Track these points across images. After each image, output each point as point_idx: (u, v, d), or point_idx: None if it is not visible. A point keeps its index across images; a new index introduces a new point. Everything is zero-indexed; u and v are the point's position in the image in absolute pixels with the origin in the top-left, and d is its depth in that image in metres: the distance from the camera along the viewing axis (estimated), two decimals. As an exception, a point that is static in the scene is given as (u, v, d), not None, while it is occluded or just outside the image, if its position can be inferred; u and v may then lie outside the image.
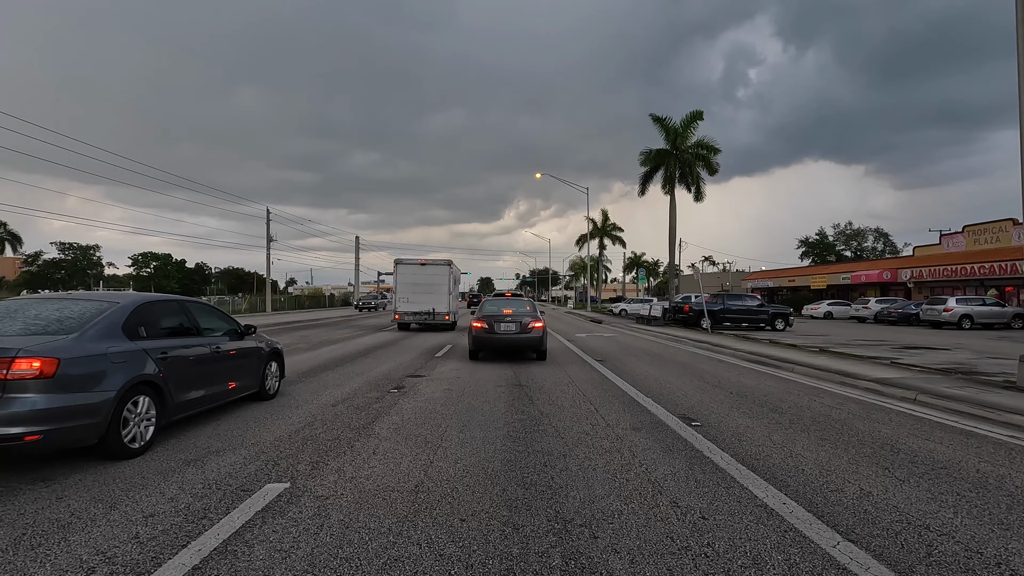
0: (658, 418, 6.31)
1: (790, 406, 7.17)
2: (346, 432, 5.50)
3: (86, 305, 5.07)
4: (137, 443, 4.66)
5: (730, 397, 7.78)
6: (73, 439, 4.20)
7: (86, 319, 4.78)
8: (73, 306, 5.08)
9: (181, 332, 5.78)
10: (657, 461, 4.63)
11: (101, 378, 4.43)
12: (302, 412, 6.42)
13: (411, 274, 21.29)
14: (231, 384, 6.42)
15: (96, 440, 4.34)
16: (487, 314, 11.96)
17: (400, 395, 7.63)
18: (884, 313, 31.11)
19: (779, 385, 8.97)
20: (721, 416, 6.49)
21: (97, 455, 4.51)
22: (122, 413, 4.54)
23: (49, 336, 4.44)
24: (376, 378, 9.20)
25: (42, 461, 4.45)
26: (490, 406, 6.89)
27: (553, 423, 5.99)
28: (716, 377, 9.79)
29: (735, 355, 13.58)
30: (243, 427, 5.67)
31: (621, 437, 5.41)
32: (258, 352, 7.19)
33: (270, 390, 7.35)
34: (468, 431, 5.61)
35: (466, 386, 8.43)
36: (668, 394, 7.95)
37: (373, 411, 6.53)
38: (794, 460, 4.72)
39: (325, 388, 8.14)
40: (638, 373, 10.16)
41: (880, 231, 64.84)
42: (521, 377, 9.44)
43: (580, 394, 7.86)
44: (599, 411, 6.67)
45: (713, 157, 30.42)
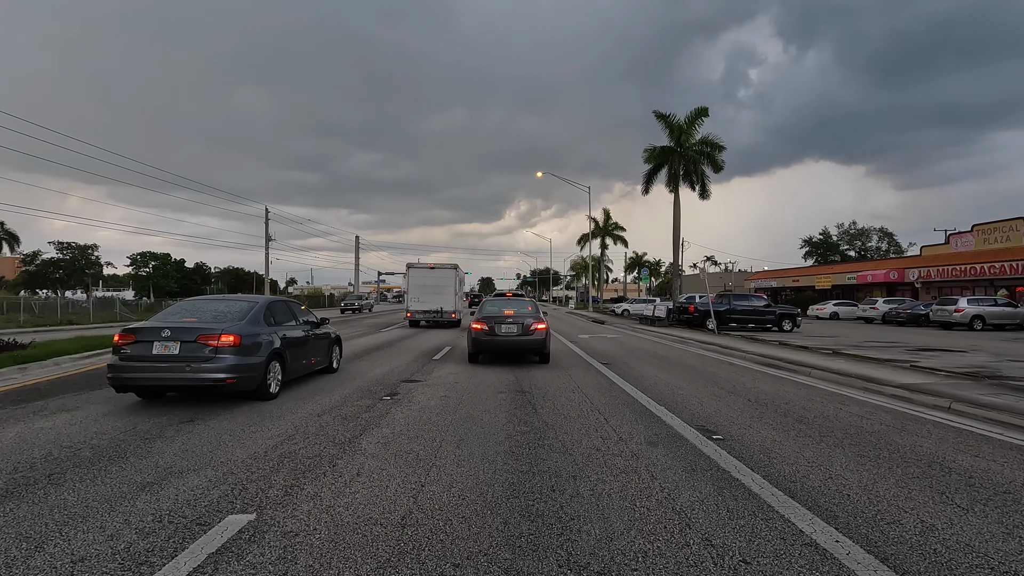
0: (675, 430, 5.74)
1: (816, 416, 6.60)
2: (329, 447, 4.93)
3: (241, 304, 7.68)
4: (273, 391, 7.25)
5: (749, 405, 7.21)
6: (245, 385, 6.79)
7: (244, 312, 7.36)
8: (234, 304, 7.68)
9: (288, 322, 8.31)
10: (680, 484, 4.06)
11: (258, 348, 7.03)
12: (283, 424, 5.85)
13: (421, 277, 23.52)
14: (313, 360, 8.90)
15: (255, 387, 6.94)
16: (487, 315, 11.39)
17: (393, 403, 7.07)
18: (892, 314, 30.52)
19: (799, 391, 8.40)
20: (743, 428, 5.91)
21: (251, 398, 7.09)
22: (267, 372, 7.11)
23: (230, 322, 6.98)
24: (369, 383, 8.64)
25: (224, 399, 7.20)
26: (490, 416, 6.33)
27: (559, 436, 5.42)
28: (730, 382, 9.22)
29: (746, 358, 13.01)
30: (215, 442, 5.10)
31: (636, 454, 4.84)
32: (329, 337, 9.71)
33: (335, 365, 9.92)
34: (465, 446, 5.04)
35: (464, 392, 7.87)
36: (682, 402, 7.38)
37: (362, 422, 5.96)
38: (835, 483, 4.15)
39: (312, 395, 7.58)
40: (647, 377, 9.59)
41: (884, 230, 64.24)
42: (523, 382, 8.87)
43: (587, 402, 7.29)
44: (609, 422, 6.10)
45: (718, 154, 29.80)
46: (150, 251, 76.28)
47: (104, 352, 11.97)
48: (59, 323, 28.51)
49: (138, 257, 76.12)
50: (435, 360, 11.93)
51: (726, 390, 8.41)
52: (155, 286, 72.72)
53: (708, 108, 29.83)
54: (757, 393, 8.16)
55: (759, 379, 9.64)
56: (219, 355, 6.56)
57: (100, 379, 8.79)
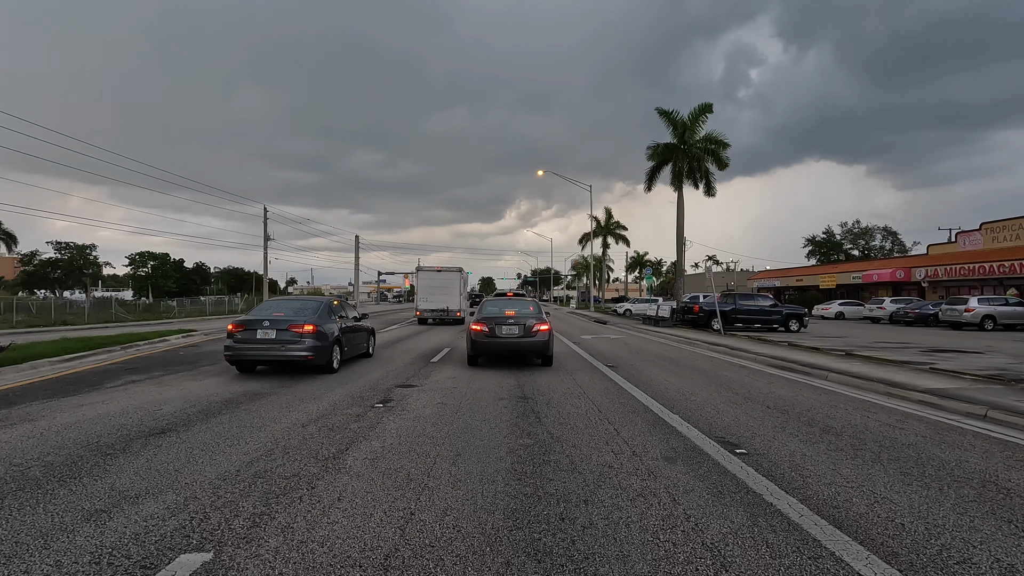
0: (693, 443, 5.22)
1: (843, 425, 6.08)
2: (310, 465, 4.41)
3: (313, 302, 10.34)
4: (335, 367, 9.68)
5: (769, 413, 6.69)
6: (320, 361, 9.20)
7: (316, 309, 9.83)
8: (307, 303, 10.37)
9: (343, 316, 10.73)
10: (708, 511, 3.54)
11: (328, 335, 9.41)
12: (263, 436, 5.33)
13: (429, 278, 25.83)
14: (357, 346, 11.41)
15: (325, 363, 9.37)
16: (487, 315, 10.88)
17: (385, 411, 6.55)
18: (900, 313, 29.96)
19: (819, 397, 7.88)
20: (767, 440, 5.40)
21: (320, 371, 9.53)
22: (332, 352, 9.52)
23: (307, 316, 9.37)
24: (361, 389, 8.12)
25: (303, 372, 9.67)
26: (490, 426, 5.81)
27: (567, 450, 4.91)
28: (744, 387, 8.70)
29: (757, 360, 12.49)
30: (184, 459, 4.59)
31: (653, 472, 4.33)
32: (367, 329, 12.25)
33: (371, 351, 12.41)
34: (463, 462, 4.53)
35: (463, 399, 7.36)
36: (696, 409, 6.86)
37: (349, 434, 5.44)
38: (884, 508, 3.63)
39: (300, 402, 7.06)
40: (656, 382, 9.07)
41: (888, 229, 63.61)
42: (525, 387, 8.36)
43: (595, 409, 6.77)
44: (620, 433, 5.58)
45: (723, 151, 29.26)
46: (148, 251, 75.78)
47: (88, 354, 11.48)
48: (54, 324, 28.03)
49: (136, 257, 75.64)
50: (433, 363, 11.42)
51: (741, 395, 7.89)
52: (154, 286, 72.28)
53: (712, 104, 29.36)
54: (775, 399, 7.64)
55: (774, 383, 9.12)
56: (303, 339, 9.13)
57: (76, 384, 8.29)
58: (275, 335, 9.08)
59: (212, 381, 8.71)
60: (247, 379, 8.99)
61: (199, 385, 8.28)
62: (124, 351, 12.78)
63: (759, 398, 7.70)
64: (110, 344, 12.97)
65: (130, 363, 10.88)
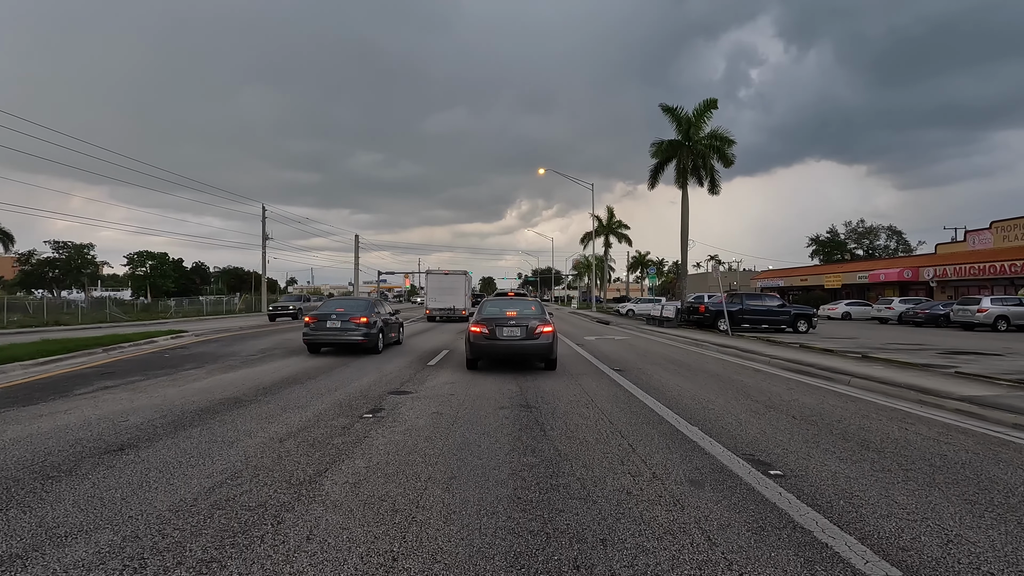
0: (719, 461, 4.62)
1: (882, 439, 5.47)
2: (280, 491, 3.81)
3: (363, 301, 13.86)
4: (379, 349, 12.85)
5: (796, 425, 6.08)
6: (370, 344, 12.42)
7: (366, 305, 13.35)
8: (359, 301, 13.92)
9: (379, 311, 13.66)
10: (751, 555, 2.93)
11: (375, 325, 12.62)
12: (233, 453, 4.73)
13: (438, 281, 29.47)
14: (393, 335, 14.52)
15: (372, 346, 12.52)
16: (487, 316, 10.27)
17: (374, 423, 5.95)
18: (910, 314, 29.32)
19: (847, 405, 7.27)
20: (802, 457, 4.79)
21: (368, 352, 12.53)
22: (378, 338, 12.70)
23: (361, 311, 12.76)
24: (350, 396, 7.52)
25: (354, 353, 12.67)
26: (490, 441, 5.20)
27: (577, 472, 4.30)
28: (764, 393, 8.09)
29: (770, 363, 11.88)
30: (136, 483, 3.98)
31: (680, 501, 3.72)
32: (398, 321, 15.54)
33: (401, 340, 15.51)
34: (458, 487, 3.93)
35: (460, 408, 6.75)
36: (716, 419, 6.25)
37: (331, 451, 4.84)
38: (964, 552, 3.02)
39: (282, 411, 6.46)
40: (668, 388, 8.46)
41: (893, 228, 62.88)
42: (528, 394, 7.75)
43: (605, 420, 6.17)
44: (635, 449, 4.98)
45: (728, 148, 28.65)
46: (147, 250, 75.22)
47: (65, 357, 10.89)
48: (47, 324, 27.46)
49: (135, 256, 75.05)
50: (430, 366, 10.81)
51: (763, 404, 7.28)
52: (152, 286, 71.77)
53: (717, 100, 28.76)
54: (800, 408, 7.03)
55: (795, 389, 8.51)
56: (359, 328, 12.55)
57: (43, 391, 7.69)
58: (340, 325, 12.67)
59: (192, 387, 8.11)
60: (230, 385, 8.39)
61: (177, 392, 7.68)
62: (107, 353, 12.18)
63: (782, 407, 7.09)
64: (92, 346, 12.38)
65: (109, 367, 10.28)
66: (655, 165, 30.18)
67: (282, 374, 9.48)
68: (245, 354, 12.62)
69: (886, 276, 39.27)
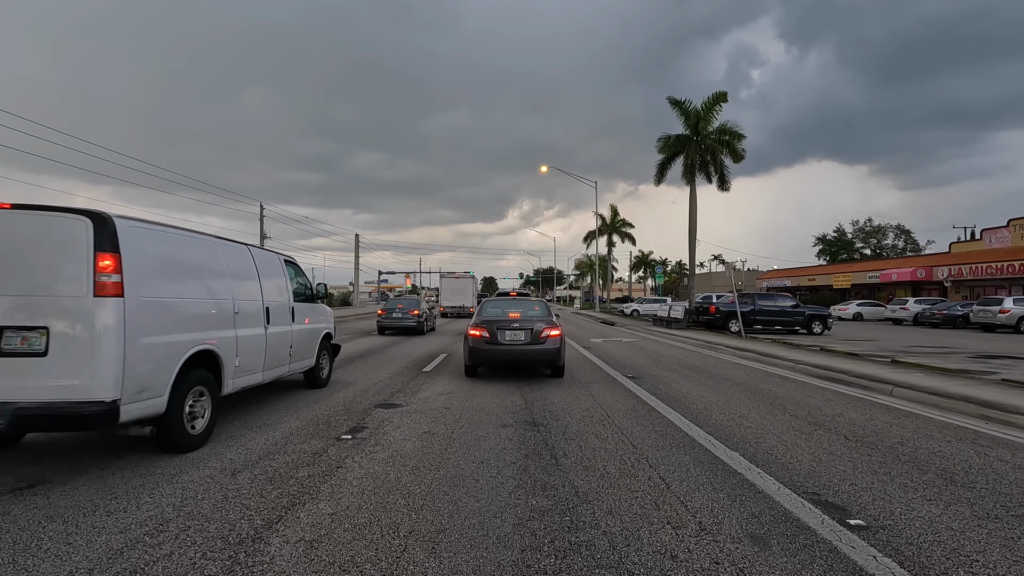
0: (779, 504, 3.66)
1: (964, 469, 4.51)
2: (208, 558, 2.85)
3: (413, 299, 21.56)
4: (424, 332, 20.16)
5: (853, 448, 5.12)
6: (420, 329, 19.78)
7: (416, 301, 20.84)
8: (410, 299, 21.54)
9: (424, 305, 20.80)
10: None
11: (423, 315, 19.99)
12: (168, 492, 3.77)
13: (450, 283, 35.14)
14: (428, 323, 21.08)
15: (422, 329, 19.98)
16: (488, 318, 9.31)
17: (353, 446, 5.00)
18: (926, 315, 28.28)
19: (901, 422, 6.31)
20: (879, 497, 3.82)
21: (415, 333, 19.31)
22: (424, 324, 20.11)
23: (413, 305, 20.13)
24: (331, 410, 6.57)
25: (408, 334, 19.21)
26: (490, 473, 4.25)
27: (602, 522, 3.35)
28: (801, 406, 7.13)
29: (795, 369, 10.91)
30: (25, 542, 3.03)
31: (744, 572, 2.77)
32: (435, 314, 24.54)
33: (434, 327, 22.30)
34: (447, 548, 2.98)
35: (456, 426, 5.80)
36: (756, 441, 5.29)
37: (293, 488, 3.89)
38: None
39: (248, 431, 5.51)
40: (691, 399, 7.50)
41: (901, 227, 61.81)
42: (534, 407, 6.80)
43: (626, 442, 5.21)
44: (670, 485, 4.02)
45: (738, 144, 27.65)
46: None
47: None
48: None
49: (133, 256, 74.16)
50: (425, 372, 9.86)
51: (804, 420, 6.32)
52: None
53: (726, 93, 27.74)
54: (849, 425, 6.06)
55: (834, 401, 7.55)
56: (413, 318, 19.28)
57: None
58: (400, 315, 19.43)
59: (153, 399, 7.16)
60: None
61: (133, 405, 6.74)
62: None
63: (827, 424, 6.13)
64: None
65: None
66: (662, 161, 29.17)
67: (260, 382, 8.53)
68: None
69: (899, 276, 38.22)
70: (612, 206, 57.90)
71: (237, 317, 5.71)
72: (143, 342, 4.28)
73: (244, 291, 6.01)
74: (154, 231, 4.85)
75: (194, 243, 5.46)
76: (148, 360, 4.31)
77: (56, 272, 4.09)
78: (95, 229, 4.12)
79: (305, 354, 7.57)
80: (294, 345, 7.13)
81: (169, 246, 4.99)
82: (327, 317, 8.66)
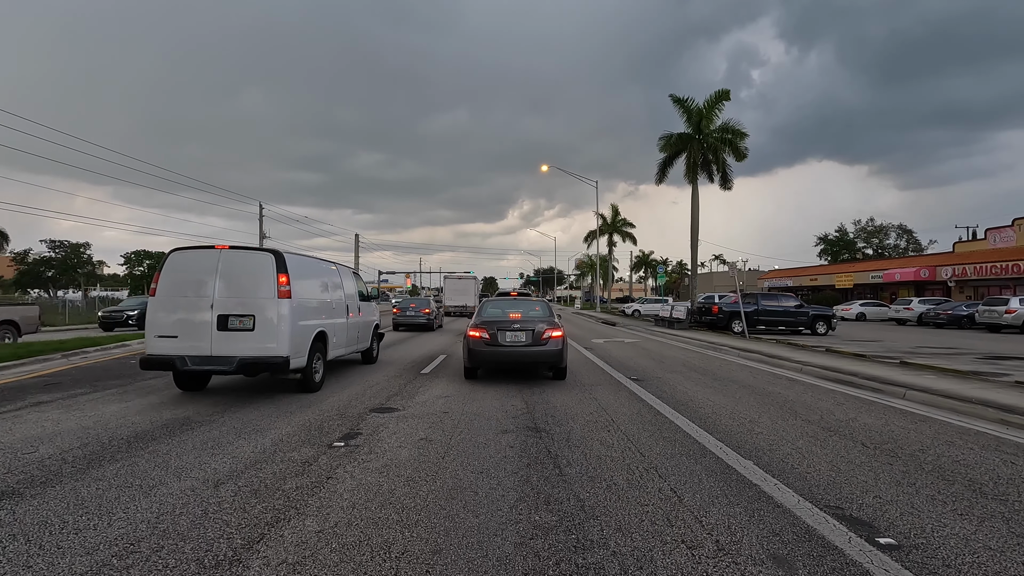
0: (800, 519, 3.40)
1: (993, 480, 4.25)
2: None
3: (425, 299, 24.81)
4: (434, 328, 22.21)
5: (872, 456, 4.86)
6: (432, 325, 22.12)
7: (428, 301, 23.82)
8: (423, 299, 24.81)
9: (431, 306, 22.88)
10: None
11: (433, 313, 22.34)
12: (145, 507, 3.52)
13: (454, 284, 36.84)
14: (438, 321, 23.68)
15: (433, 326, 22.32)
16: (488, 319, 9.06)
17: (346, 454, 4.74)
18: (930, 315, 28.03)
19: (919, 427, 6.04)
20: (907, 512, 3.57)
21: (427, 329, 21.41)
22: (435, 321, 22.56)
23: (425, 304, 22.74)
24: (325, 414, 6.31)
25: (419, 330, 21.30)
26: (490, 485, 4.00)
27: (611, 541, 3.09)
28: (811, 410, 6.87)
29: (802, 370, 10.66)
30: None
31: (771, 600, 2.51)
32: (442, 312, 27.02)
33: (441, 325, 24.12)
34: (442, 572, 2.72)
35: (454, 431, 5.55)
36: (770, 449, 5.04)
37: (279, 502, 3.63)
38: None
39: (236, 437, 5.26)
40: (698, 403, 7.25)
41: (904, 227, 61.52)
42: (536, 411, 6.55)
43: (633, 450, 4.96)
44: (682, 498, 3.76)
45: (740, 142, 27.38)
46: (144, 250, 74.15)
47: (14, 365, 9.72)
48: (30, 324, 26.34)
49: (132, 256, 73.95)
50: (423, 375, 9.60)
51: (817, 425, 6.06)
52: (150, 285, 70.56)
53: (729, 91, 27.48)
54: (865, 431, 5.80)
55: (846, 405, 7.29)
56: (424, 315, 21.67)
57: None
58: (414, 313, 21.62)
59: (140, 403, 6.91)
60: (186, 400, 7.20)
61: (118, 410, 6.48)
62: (66, 359, 11.00)
63: (842, 429, 5.87)
64: (52, 351, 11.20)
65: (60, 376, 9.09)
66: (663, 159, 28.92)
67: (253, 384, 8.27)
68: (220, 360, 11.42)
69: (902, 276, 37.96)
70: (613, 205, 57.67)
71: (333, 311, 8.73)
72: (298, 324, 7.22)
73: (335, 294, 8.97)
74: (299, 258, 8.07)
75: (314, 263, 8.63)
76: (300, 335, 7.25)
77: (257, 284, 6.98)
78: (276, 259, 7.10)
79: (364, 338, 10.59)
80: (360, 332, 10.19)
81: (305, 267, 8.02)
82: (376, 313, 11.78)
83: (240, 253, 7.16)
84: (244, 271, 7.02)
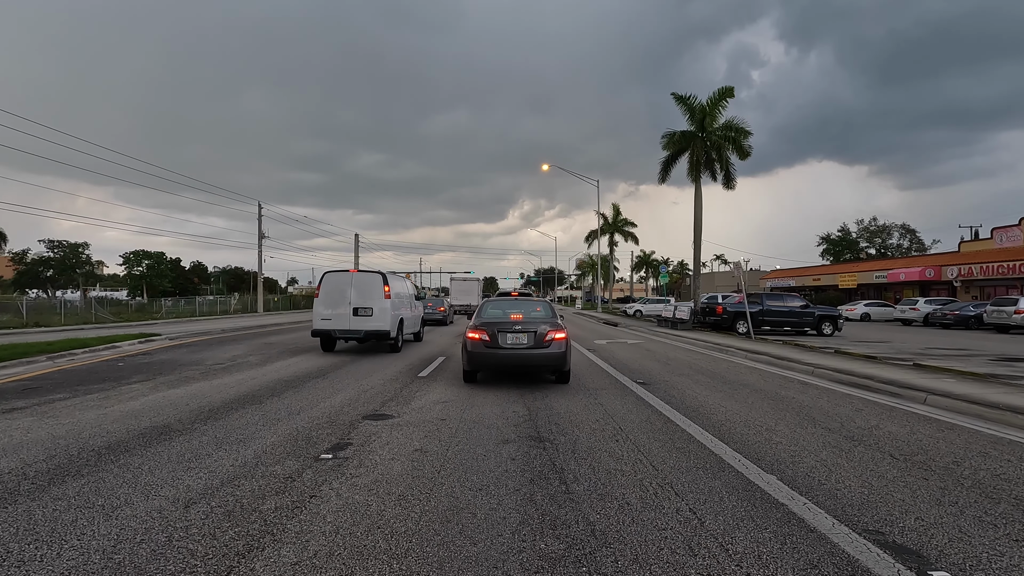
0: (840, 548, 3.02)
1: (1042, 498, 3.87)
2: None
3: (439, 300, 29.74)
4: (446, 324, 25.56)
5: (904, 470, 4.48)
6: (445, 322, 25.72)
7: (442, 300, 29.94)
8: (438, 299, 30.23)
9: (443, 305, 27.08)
10: None
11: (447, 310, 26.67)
12: (105, 531, 3.15)
13: (458, 285, 39.52)
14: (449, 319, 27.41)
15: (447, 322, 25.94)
16: (488, 320, 8.68)
17: (333, 468, 4.37)
18: (937, 315, 27.63)
19: (947, 436, 5.66)
20: (955, 537, 3.19)
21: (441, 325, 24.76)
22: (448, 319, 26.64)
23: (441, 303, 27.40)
24: (314, 422, 5.94)
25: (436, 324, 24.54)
26: (489, 504, 3.62)
27: (626, 575, 2.72)
28: (830, 417, 6.49)
29: (814, 373, 10.28)
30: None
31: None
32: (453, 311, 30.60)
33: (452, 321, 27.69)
34: (434, 615, 2.35)
35: (452, 441, 5.17)
36: (793, 462, 4.66)
37: (255, 526, 3.26)
38: None
39: (215, 448, 4.89)
40: (710, 409, 6.87)
41: (907, 227, 61.08)
42: (539, 419, 6.17)
43: (645, 463, 4.58)
44: (703, 521, 3.39)
45: (744, 140, 26.98)
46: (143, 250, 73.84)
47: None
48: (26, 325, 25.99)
49: (131, 256, 73.64)
50: (420, 377, 9.23)
51: (838, 434, 5.68)
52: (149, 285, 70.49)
53: (733, 88, 27.10)
54: (891, 441, 5.42)
55: (865, 411, 6.91)
56: (440, 313, 25.14)
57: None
58: (431, 311, 23.24)
59: (119, 410, 6.54)
60: (169, 406, 6.83)
61: (94, 417, 6.11)
62: (51, 361, 10.62)
63: (867, 439, 5.49)
64: (37, 353, 10.84)
65: (40, 379, 8.72)
66: (666, 158, 28.54)
67: (242, 389, 7.91)
68: (211, 362, 11.04)
69: (907, 276, 37.55)
70: (614, 205, 57.25)
71: (405, 307, 14.44)
72: (394, 314, 13.07)
73: (404, 295, 14.70)
74: (393, 274, 14.35)
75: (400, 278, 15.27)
76: (394, 320, 12.99)
77: (373, 291, 12.92)
78: (383, 277, 13.17)
79: (417, 325, 16.27)
80: (415, 321, 15.87)
81: (395, 280, 14.11)
82: (422, 308, 17.71)
83: (363, 273, 13.18)
84: (366, 283, 12.85)
